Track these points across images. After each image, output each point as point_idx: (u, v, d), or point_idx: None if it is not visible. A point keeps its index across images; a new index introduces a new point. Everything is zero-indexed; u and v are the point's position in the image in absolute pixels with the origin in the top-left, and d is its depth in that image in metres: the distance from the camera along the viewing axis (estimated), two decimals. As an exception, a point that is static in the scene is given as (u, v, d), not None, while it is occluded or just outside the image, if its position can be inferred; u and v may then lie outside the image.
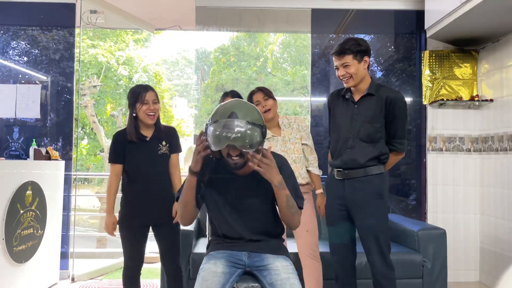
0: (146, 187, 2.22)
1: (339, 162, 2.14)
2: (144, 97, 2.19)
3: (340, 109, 2.21)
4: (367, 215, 2.07)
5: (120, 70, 10.04)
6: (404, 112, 2.12)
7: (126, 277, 2.28)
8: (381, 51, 3.93)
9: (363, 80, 2.13)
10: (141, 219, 2.23)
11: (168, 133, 2.32)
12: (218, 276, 1.68)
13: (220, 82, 13.44)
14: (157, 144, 2.26)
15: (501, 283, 0.86)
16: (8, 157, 3.52)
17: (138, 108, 2.19)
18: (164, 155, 2.28)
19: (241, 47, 13.97)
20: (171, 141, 2.30)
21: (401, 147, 2.14)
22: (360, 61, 2.09)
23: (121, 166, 2.24)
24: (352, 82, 2.11)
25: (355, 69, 2.09)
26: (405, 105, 2.12)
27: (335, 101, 2.25)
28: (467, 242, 3.52)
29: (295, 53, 13.99)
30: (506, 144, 3.20)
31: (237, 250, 1.78)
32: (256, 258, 1.76)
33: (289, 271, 1.70)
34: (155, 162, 2.24)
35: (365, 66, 2.11)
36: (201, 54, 18.00)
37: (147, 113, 2.20)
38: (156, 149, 2.25)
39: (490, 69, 3.42)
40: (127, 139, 2.22)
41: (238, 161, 1.62)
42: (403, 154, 2.20)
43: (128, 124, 2.24)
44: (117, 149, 2.23)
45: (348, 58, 2.08)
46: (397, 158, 2.19)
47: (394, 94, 2.10)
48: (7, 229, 2.61)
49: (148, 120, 2.21)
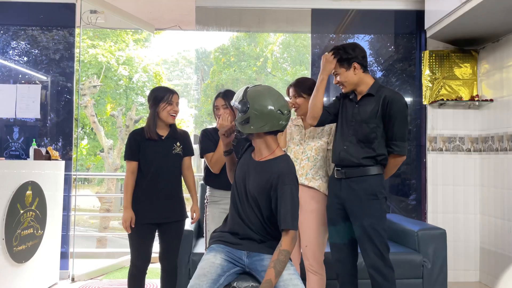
0: (156, 184, 2.28)
1: (336, 159, 2.15)
2: (171, 98, 2.30)
3: (344, 108, 2.21)
4: (362, 215, 2.06)
5: (120, 70, 10.03)
6: (403, 114, 2.06)
7: (131, 276, 2.31)
8: (381, 51, 3.93)
9: (361, 84, 2.12)
10: (149, 218, 2.27)
11: (183, 136, 2.41)
12: (215, 266, 1.70)
13: (220, 82, 13.44)
14: (171, 144, 2.33)
15: (501, 283, 0.86)
16: (8, 157, 3.52)
17: (162, 107, 2.28)
18: (178, 155, 2.35)
19: (241, 47, 13.97)
20: (185, 143, 2.39)
21: (398, 150, 2.09)
22: (348, 68, 2.10)
23: (136, 164, 2.30)
24: (345, 88, 2.15)
25: (344, 77, 2.11)
26: (404, 106, 2.07)
27: (341, 101, 2.25)
28: (467, 242, 3.52)
29: (295, 53, 13.99)
30: (506, 144, 3.20)
31: (238, 249, 1.79)
32: (255, 258, 1.76)
33: (291, 273, 1.70)
34: (167, 160, 2.31)
35: (356, 72, 2.10)
36: (201, 54, 17.99)
37: (171, 113, 2.30)
38: (170, 148, 2.32)
39: (490, 69, 3.42)
40: (144, 137, 2.29)
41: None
42: (403, 157, 2.13)
43: (148, 120, 2.31)
44: (133, 146, 2.30)
45: (335, 67, 2.12)
46: (396, 161, 2.13)
47: (393, 95, 2.07)
48: (7, 229, 2.61)
49: (170, 120, 2.31)
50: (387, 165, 2.15)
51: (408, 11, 3.68)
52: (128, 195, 2.28)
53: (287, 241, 1.66)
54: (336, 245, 2.19)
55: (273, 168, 1.75)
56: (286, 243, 1.65)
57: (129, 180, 2.29)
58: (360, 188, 2.08)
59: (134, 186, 2.30)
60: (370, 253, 2.06)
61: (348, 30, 3.85)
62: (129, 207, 2.27)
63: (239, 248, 1.79)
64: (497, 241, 3.28)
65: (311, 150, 2.31)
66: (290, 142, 2.38)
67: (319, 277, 2.23)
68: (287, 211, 1.67)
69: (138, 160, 2.29)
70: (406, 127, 2.11)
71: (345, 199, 2.11)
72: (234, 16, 3.88)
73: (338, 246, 2.19)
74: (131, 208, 2.27)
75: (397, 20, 3.80)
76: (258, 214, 1.77)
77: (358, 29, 3.87)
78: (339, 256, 2.20)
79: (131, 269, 2.31)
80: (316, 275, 2.23)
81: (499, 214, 3.27)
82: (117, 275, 3.59)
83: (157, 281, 3.26)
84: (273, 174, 1.73)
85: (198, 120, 14.81)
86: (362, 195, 2.07)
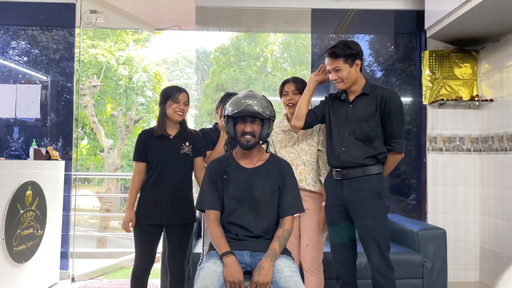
0: (162, 184, 2.24)
1: (336, 162, 2.14)
2: (177, 96, 2.26)
3: (335, 110, 2.21)
4: (365, 215, 2.07)
5: (120, 70, 10.03)
6: (400, 111, 2.10)
7: (135, 276, 2.28)
8: (381, 51, 3.93)
9: (356, 83, 2.13)
10: (155, 219, 2.24)
11: (194, 136, 2.35)
12: (217, 275, 1.68)
13: (220, 82, 13.44)
14: (180, 143, 2.28)
15: (501, 283, 0.86)
16: (8, 157, 3.52)
17: (168, 105, 2.25)
18: (186, 155, 2.29)
19: (241, 47, 13.97)
20: (196, 143, 2.33)
21: (398, 147, 2.12)
22: (352, 65, 2.09)
23: (143, 165, 2.27)
24: (343, 85, 2.13)
25: (347, 73, 2.09)
26: (400, 104, 2.11)
27: (330, 103, 2.25)
28: (467, 242, 3.52)
29: (295, 53, 13.99)
30: (506, 144, 3.20)
31: (239, 249, 1.79)
32: (258, 257, 1.77)
33: (293, 270, 1.73)
34: (175, 159, 2.26)
35: (357, 69, 2.11)
36: (201, 54, 17.99)
37: (176, 111, 2.26)
38: (178, 147, 2.27)
39: (490, 69, 3.42)
40: (151, 137, 2.27)
41: (250, 139, 1.83)
42: (402, 154, 2.17)
43: (158, 118, 2.30)
44: (140, 147, 2.27)
45: (339, 62, 2.08)
46: (395, 159, 2.17)
47: (389, 93, 2.10)
48: (7, 229, 2.61)
49: (176, 117, 2.26)
50: (386, 163, 2.16)
51: (408, 11, 3.68)
52: (132, 196, 2.27)
53: (290, 223, 1.86)
54: (337, 246, 2.19)
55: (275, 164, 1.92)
56: (289, 224, 1.85)
57: (135, 181, 2.27)
58: (363, 188, 2.08)
59: (139, 187, 2.28)
60: (372, 252, 2.06)
61: (348, 30, 3.85)
62: (131, 208, 2.25)
63: (241, 249, 1.79)
64: (497, 241, 3.28)
65: (306, 155, 2.30)
66: (281, 149, 2.34)
67: (317, 277, 2.23)
68: (294, 198, 1.88)
69: (145, 161, 2.27)
70: (404, 125, 2.15)
71: (347, 200, 2.11)
72: (234, 16, 3.88)
73: (339, 247, 2.18)
74: (133, 210, 2.25)
75: (397, 20, 3.80)
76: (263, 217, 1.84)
77: (358, 29, 3.87)
78: (340, 257, 2.19)
79: (134, 269, 2.29)
80: (315, 275, 2.22)
81: (499, 214, 3.27)
82: (117, 275, 3.59)
83: (157, 281, 3.26)
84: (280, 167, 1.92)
85: (198, 120, 14.80)
86: (365, 195, 2.07)
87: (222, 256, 1.72)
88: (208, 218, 1.86)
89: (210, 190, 1.87)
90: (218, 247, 1.76)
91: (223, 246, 1.74)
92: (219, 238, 1.77)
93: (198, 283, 1.67)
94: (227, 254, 1.71)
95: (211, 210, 1.85)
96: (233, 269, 1.67)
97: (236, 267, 1.68)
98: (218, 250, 1.75)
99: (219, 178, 1.87)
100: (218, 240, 1.77)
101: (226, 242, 1.76)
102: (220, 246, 1.74)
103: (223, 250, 1.73)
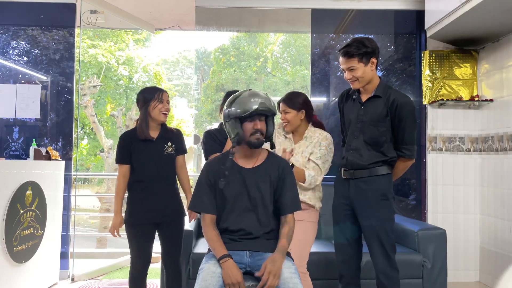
0: (152, 186, 2.25)
1: (344, 161, 2.13)
2: (161, 96, 2.26)
3: (348, 109, 2.19)
4: (371, 216, 2.05)
5: (120, 70, 10.02)
6: (412, 116, 2.04)
7: (132, 278, 2.29)
8: (381, 51, 3.90)
9: (371, 81, 2.08)
10: (147, 217, 2.24)
11: (174, 135, 2.36)
12: (217, 276, 1.68)
13: (220, 82, 13.44)
14: (163, 145, 2.29)
15: (501, 283, 0.86)
16: (8, 157, 3.52)
17: (153, 106, 2.24)
18: (170, 155, 2.31)
19: (241, 47, 13.96)
20: (177, 142, 2.35)
21: (409, 153, 2.07)
22: (367, 63, 2.03)
23: (128, 167, 2.27)
24: (358, 84, 2.07)
25: (362, 72, 2.03)
26: (413, 109, 2.04)
27: (344, 101, 2.23)
28: (467, 242, 3.52)
29: (295, 53, 13.98)
30: (506, 144, 3.19)
31: (239, 249, 1.79)
32: (258, 257, 1.77)
33: (292, 271, 1.72)
34: (160, 161, 2.27)
35: (373, 68, 2.05)
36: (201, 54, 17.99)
37: (162, 111, 2.26)
38: (162, 149, 2.28)
39: (490, 69, 3.42)
40: (134, 139, 2.26)
41: (260, 137, 1.82)
42: (412, 160, 2.11)
43: (141, 121, 2.27)
44: (124, 149, 2.27)
45: (353, 62, 2.02)
46: (405, 165, 2.12)
47: (402, 98, 2.03)
48: (7, 229, 2.61)
49: (162, 118, 2.27)
50: (395, 168, 2.13)
51: (408, 11, 3.68)
52: (118, 199, 2.27)
53: (292, 220, 1.86)
54: (341, 245, 2.18)
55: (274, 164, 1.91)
56: (293, 221, 1.86)
57: (120, 184, 2.26)
58: (370, 188, 2.06)
59: (125, 190, 2.28)
60: (377, 253, 2.05)
61: (348, 30, 3.85)
62: (120, 213, 2.26)
63: (241, 249, 1.79)
64: (497, 241, 3.28)
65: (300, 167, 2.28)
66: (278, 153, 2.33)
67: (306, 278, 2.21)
68: (294, 196, 1.88)
69: (130, 163, 2.26)
70: (415, 130, 2.08)
71: (353, 199, 2.10)
72: (234, 16, 3.88)
73: (343, 246, 2.17)
74: (121, 214, 2.26)
75: (397, 20, 3.80)
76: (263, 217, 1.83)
77: (358, 29, 3.87)
78: (344, 256, 2.18)
79: (132, 270, 2.29)
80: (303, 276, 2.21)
81: (499, 214, 3.26)
82: (117, 275, 3.59)
83: (157, 281, 3.26)
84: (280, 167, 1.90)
85: (198, 120, 14.79)
86: (372, 196, 2.05)
87: (219, 260, 1.72)
88: (204, 221, 1.85)
89: (206, 193, 1.86)
90: (214, 250, 1.76)
91: (219, 249, 1.74)
92: (215, 242, 1.77)
93: (198, 284, 1.67)
94: (223, 257, 1.71)
95: (207, 214, 1.84)
96: (231, 271, 1.67)
97: (234, 268, 1.68)
98: (215, 254, 1.75)
99: (218, 179, 1.86)
100: (214, 243, 1.77)
101: (222, 245, 1.76)
102: (217, 249, 1.75)
103: (220, 253, 1.73)
